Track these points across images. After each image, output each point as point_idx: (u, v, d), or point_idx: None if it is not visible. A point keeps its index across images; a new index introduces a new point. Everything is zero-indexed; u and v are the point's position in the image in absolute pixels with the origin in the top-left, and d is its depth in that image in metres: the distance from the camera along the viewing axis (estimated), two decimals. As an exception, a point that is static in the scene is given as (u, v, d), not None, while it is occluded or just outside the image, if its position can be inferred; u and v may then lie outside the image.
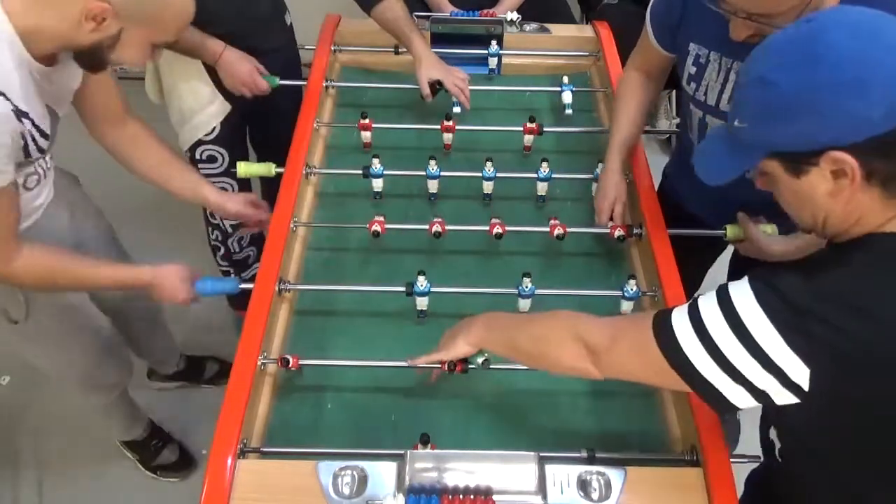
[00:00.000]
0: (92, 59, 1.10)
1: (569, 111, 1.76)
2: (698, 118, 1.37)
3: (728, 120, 0.89)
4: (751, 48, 0.87)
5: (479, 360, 1.11)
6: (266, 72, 1.73)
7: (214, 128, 1.78)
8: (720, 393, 0.82)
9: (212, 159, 1.82)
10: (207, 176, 1.82)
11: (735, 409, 0.83)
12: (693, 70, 1.32)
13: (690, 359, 0.82)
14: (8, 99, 1.02)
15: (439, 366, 1.16)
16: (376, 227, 1.38)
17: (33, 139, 1.12)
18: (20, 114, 1.05)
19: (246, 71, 1.68)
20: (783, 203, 0.89)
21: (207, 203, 1.48)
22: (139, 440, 1.94)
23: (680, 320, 0.85)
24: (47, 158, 1.28)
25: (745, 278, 0.82)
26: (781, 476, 0.99)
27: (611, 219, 1.42)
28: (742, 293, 0.80)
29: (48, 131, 1.16)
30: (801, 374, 0.76)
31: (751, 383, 0.79)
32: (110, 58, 1.10)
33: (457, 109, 1.72)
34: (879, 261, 0.79)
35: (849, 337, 0.74)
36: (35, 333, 1.43)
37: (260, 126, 1.96)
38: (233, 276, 2.08)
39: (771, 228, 1.32)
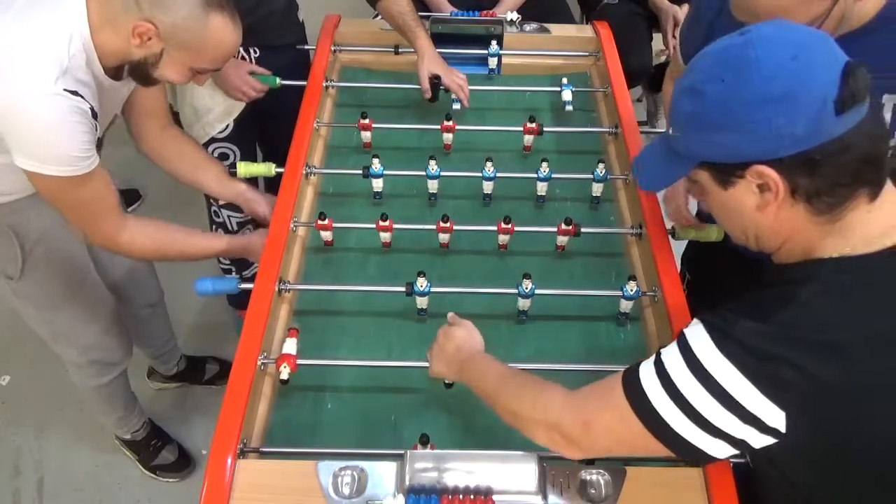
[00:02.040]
0: (139, 73, 1.20)
1: (569, 108, 1.75)
2: None
3: (667, 127, 0.91)
4: None
5: None
6: (267, 72, 1.73)
7: (228, 125, 1.79)
8: (701, 451, 0.81)
9: (223, 157, 1.84)
10: None
11: (714, 461, 0.83)
12: None
13: (669, 423, 0.80)
14: (85, 100, 1.13)
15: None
16: (385, 237, 1.42)
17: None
18: (94, 114, 1.16)
19: (238, 76, 1.68)
20: (715, 215, 0.90)
21: (245, 198, 1.53)
22: (138, 440, 1.94)
23: (651, 385, 0.82)
24: None
25: (699, 325, 0.81)
26: (756, 476, 0.98)
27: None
28: (704, 346, 0.79)
29: (101, 136, 1.27)
30: (776, 418, 0.76)
31: (730, 436, 0.79)
32: (155, 74, 1.20)
33: (456, 106, 1.72)
34: (826, 290, 0.79)
35: (816, 373, 0.74)
36: (30, 292, 1.46)
37: (271, 124, 1.96)
38: (234, 274, 2.09)
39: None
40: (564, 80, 1.80)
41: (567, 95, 1.76)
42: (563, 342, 1.32)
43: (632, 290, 1.28)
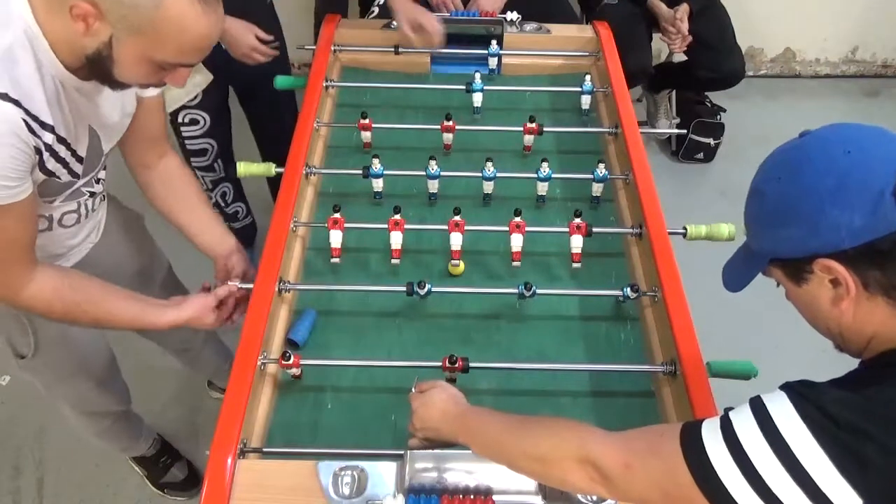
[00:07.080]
0: (99, 70, 0.98)
1: (586, 114, 1.77)
2: None
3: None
4: None
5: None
6: (267, 37, 1.82)
7: (197, 95, 1.86)
8: None
9: (193, 122, 1.94)
10: (189, 137, 1.96)
11: None
12: None
13: (727, 486, 0.73)
14: (21, 106, 0.93)
15: (440, 365, 1.17)
16: (395, 244, 1.38)
17: (58, 158, 1.04)
18: (41, 125, 0.97)
19: (247, 43, 1.78)
20: (802, 315, 0.88)
21: (230, 259, 1.37)
22: (148, 456, 1.91)
23: (713, 443, 0.75)
24: (93, 199, 1.25)
25: (780, 391, 0.75)
26: None
27: None
28: (780, 407, 0.73)
29: (82, 154, 1.09)
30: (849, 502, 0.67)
31: None
32: (115, 72, 0.98)
33: (477, 104, 1.74)
34: None
35: None
36: (42, 368, 1.41)
37: (245, 88, 2.09)
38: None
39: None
40: (588, 80, 1.77)
41: (586, 102, 1.77)
42: (562, 342, 1.32)
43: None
